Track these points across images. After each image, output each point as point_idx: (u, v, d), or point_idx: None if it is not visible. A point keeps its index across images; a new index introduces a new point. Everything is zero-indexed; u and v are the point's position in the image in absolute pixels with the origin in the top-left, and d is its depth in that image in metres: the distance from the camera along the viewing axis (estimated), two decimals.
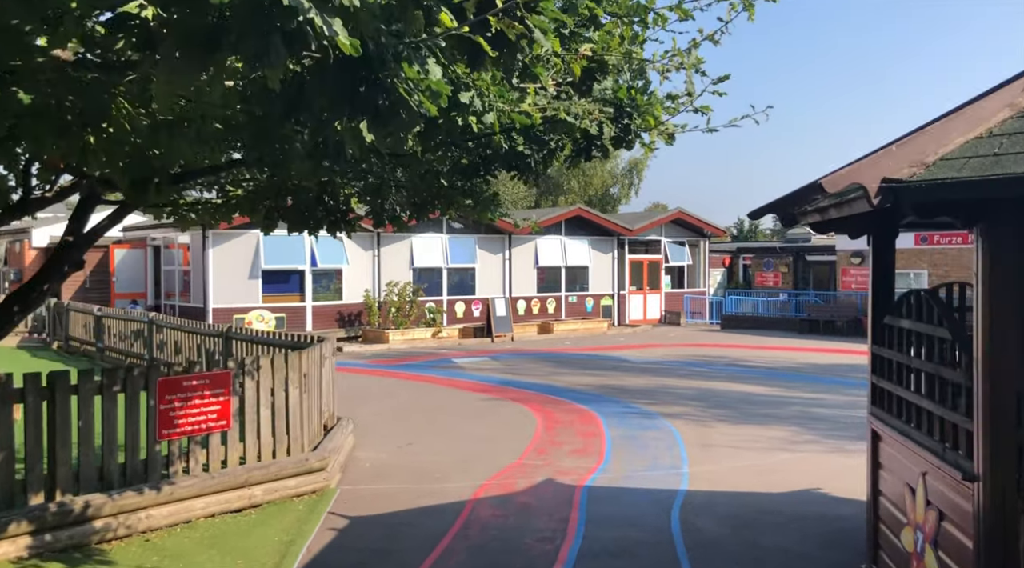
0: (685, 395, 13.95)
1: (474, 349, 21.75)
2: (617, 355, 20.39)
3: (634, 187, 49.21)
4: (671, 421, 11.44)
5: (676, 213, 30.21)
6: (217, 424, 6.83)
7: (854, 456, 9.15)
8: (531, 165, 4.80)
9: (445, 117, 3.81)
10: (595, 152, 4.42)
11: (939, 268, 23.60)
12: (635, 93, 4.10)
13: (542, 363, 18.66)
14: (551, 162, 4.88)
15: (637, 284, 29.87)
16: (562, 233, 27.88)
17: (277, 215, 5.36)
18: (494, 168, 5.01)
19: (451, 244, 25.45)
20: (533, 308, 26.96)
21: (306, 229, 5.39)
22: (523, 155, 4.72)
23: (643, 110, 4.10)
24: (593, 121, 3.99)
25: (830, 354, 20.53)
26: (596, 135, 4.18)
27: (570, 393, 14.02)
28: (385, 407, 12.64)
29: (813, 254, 31.31)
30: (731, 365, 18.40)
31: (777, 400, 13.48)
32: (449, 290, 25.37)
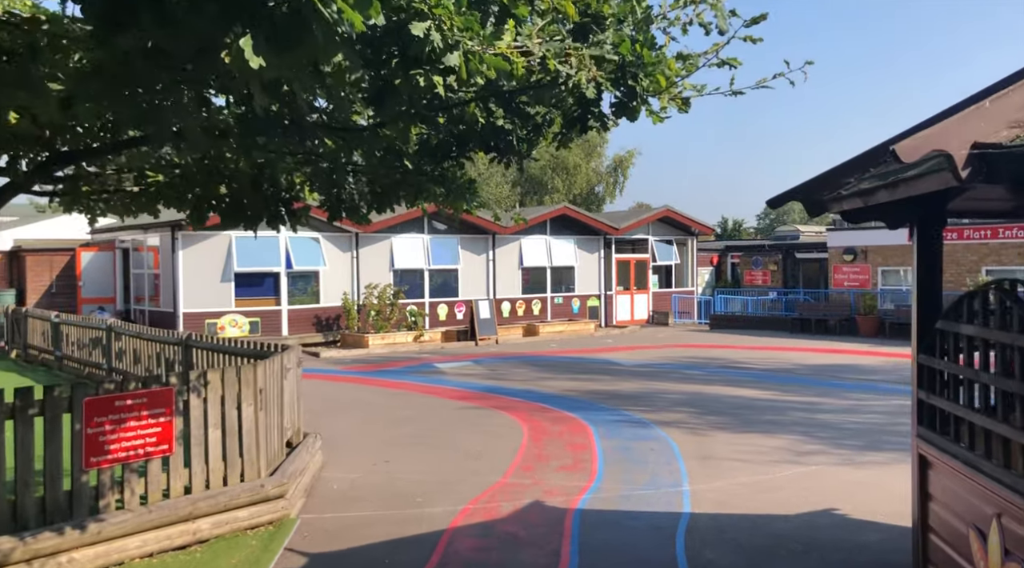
0: (679, 401, 13.19)
1: (457, 353, 20.91)
2: (605, 358, 19.62)
3: (619, 186, 48.50)
4: (666, 430, 10.66)
5: (663, 211, 29.51)
6: (157, 449, 5.98)
7: (866, 469, 8.42)
8: (513, 144, 3.99)
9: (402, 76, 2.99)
10: (591, 122, 3.61)
11: None
12: (640, 48, 3.31)
13: (528, 367, 17.86)
14: (537, 141, 4.07)
15: (624, 284, 29.13)
16: (547, 233, 27.10)
17: (208, 206, 4.53)
18: (469, 149, 4.21)
19: (433, 245, 24.61)
20: (518, 310, 26.16)
21: (241, 222, 4.55)
22: (503, 131, 3.92)
23: (651, 69, 3.32)
24: (590, 80, 3.20)
25: (824, 354, 19.86)
26: (593, 99, 3.39)
27: (558, 400, 13.22)
28: (361, 418, 11.79)
29: (803, 252, 30.72)
30: (724, 367, 17.67)
31: (776, 405, 12.75)
32: (431, 292, 24.53)
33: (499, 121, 3.83)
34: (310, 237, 22.31)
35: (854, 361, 18.53)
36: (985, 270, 21.79)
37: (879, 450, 9.33)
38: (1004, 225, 21.63)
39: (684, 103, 3.63)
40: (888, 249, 24.16)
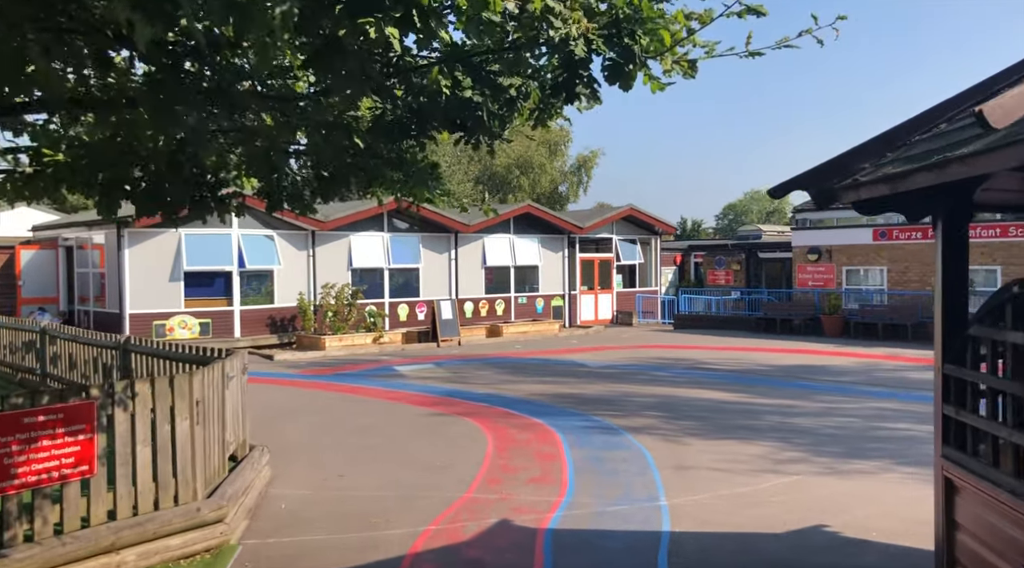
0: (648, 404, 12.70)
1: (418, 355, 20.23)
2: (571, 359, 19.11)
3: (583, 185, 48.14)
4: (638, 437, 10.15)
5: (627, 210, 29.12)
6: (76, 470, 5.26)
7: (851, 479, 7.98)
8: (483, 120, 3.39)
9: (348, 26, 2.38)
10: (580, 88, 3.03)
11: (899, 264, 22.93)
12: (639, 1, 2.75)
13: (492, 369, 17.26)
14: (511, 117, 3.48)
15: (588, 284, 28.69)
16: (511, 231, 26.53)
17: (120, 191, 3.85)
18: (431, 126, 3.60)
19: (393, 243, 23.88)
20: (481, 310, 25.55)
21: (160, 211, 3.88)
22: (471, 105, 3.31)
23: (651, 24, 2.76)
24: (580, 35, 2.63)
25: (792, 354, 19.57)
26: (583, 60, 2.82)
27: (524, 405, 12.65)
28: (315, 427, 11.08)
29: (766, 251, 30.59)
30: (692, 368, 17.27)
31: (748, 408, 12.32)
32: (391, 292, 23.81)
33: (467, 92, 3.24)
34: (264, 235, 21.45)
35: (822, 362, 18.26)
36: None
37: (862, 458, 8.92)
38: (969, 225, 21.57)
39: (690, 67, 3.08)
40: (852, 249, 24.05)
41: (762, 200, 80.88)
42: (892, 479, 7.95)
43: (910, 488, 7.59)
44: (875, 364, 17.76)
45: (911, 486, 7.66)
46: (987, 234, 21.04)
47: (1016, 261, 20.56)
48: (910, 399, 12.99)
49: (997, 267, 20.90)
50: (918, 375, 15.81)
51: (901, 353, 19.40)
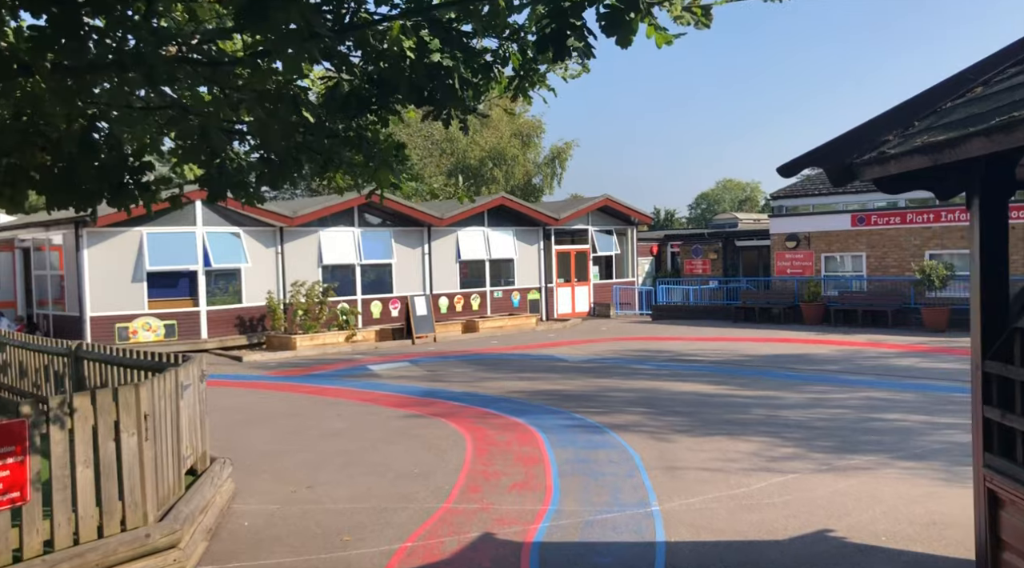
0: (631, 399, 12.28)
1: (393, 353, 19.67)
2: (549, 353, 18.65)
3: (557, 177, 47.61)
4: (623, 435, 9.71)
5: (603, 200, 28.70)
6: (5, 498, 4.69)
7: (849, 476, 7.59)
8: (454, 89, 2.88)
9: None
10: (572, 41, 2.53)
11: (877, 249, 22.72)
12: None
13: (469, 366, 16.76)
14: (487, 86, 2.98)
15: (565, 276, 28.26)
16: (485, 224, 26.00)
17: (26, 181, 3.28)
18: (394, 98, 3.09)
19: (364, 238, 23.26)
20: (456, 305, 25.02)
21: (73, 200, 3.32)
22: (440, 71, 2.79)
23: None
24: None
25: (773, 344, 19.27)
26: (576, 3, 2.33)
27: (503, 403, 12.17)
28: (284, 433, 10.52)
29: (743, 239, 30.34)
30: (672, 360, 16.89)
31: (734, 401, 11.94)
32: (364, 289, 23.19)
33: (435, 56, 2.74)
34: (230, 232, 20.74)
35: (804, 350, 17.97)
36: (928, 254, 21.57)
37: (858, 453, 8.54)
38: (947, 209, 21.44)
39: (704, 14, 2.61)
40: (831, 235, 23.82)
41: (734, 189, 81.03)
42: (891, 475, 7.57)
43: (912, 485, 7.21)
44: (857, 351, 17.49)
45: (913, 482, 7.28)
46: (964, 218, 20.82)
47: None
48: (898, 388, 12.68)
49: None
50: (902, 362, 15.56)
51: (883, 340, 19.17)
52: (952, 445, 8.69)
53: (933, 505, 6.57)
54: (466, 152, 44.48)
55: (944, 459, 8.07)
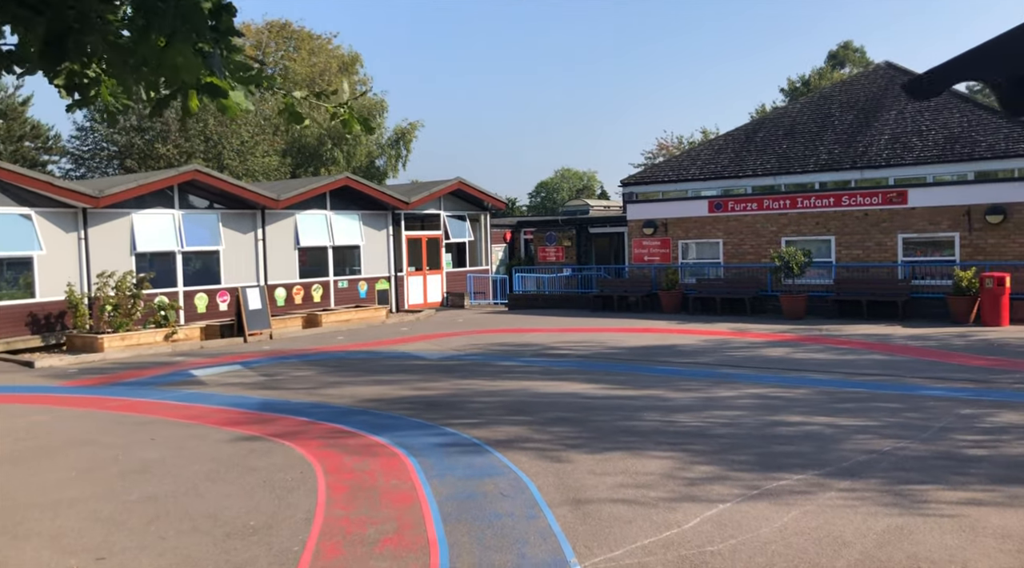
0: (508, 405, 10.75)
1: (222, 353, 17.16)
2: (404, 350, 16.84)
3: (402, 160, 45.49)
4: (509, 455, 8.14)
5: (455, 183, 27.05)
6: None
7: (788, 504, 6.36)
8: None
9: None
10: None
11: (734, 236, 22.47)
12: None
13: (312, 368, 14.65)
14: None
15: (416, 264, 26.43)
16: (328, 207, 23.69)
17: None
18: None
19: (187, 222, 20.38)
20: (296, 297, 22.60)
21: None
22: None
23: None
24: None
25: (636, 334, 18.40)
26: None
27: (357, 416, 10.29)
28: (73, 471, 8.15)
29: (596, 226, 29.66)
30: (540, 355, 15.56)
31: (619, 404, 10.68)
32: (186, 279, 20.35)
33: None
34: (18, 214, 17.40)
35: (670, 341, 17.17)
36: (784, 240, 21.50)
37: (782, 470, 7.39)
38: (803, 195, 21.43)
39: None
40: (688, 221, 23.39)
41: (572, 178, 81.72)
42: (835, 501, 6.43)
43: (867, 515, 6.07)
44: (725, 342, 16.88)
45: (866, 512, 6.15)
46: (821, 204, 20.92)
47: (849, 231, 20.57)
48: (784, 383, 11.91)
49: (831, 236, 20.85)
50: (774, 353, 14.99)
51: (746, 329, 18.77)
52: (875, 455, 7.75)
53: (911, 547, 5.42)
54: (302, 130, 41.43)
55: (880, 476, 7.05)
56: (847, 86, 29.35)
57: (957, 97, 26.26)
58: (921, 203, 19.49)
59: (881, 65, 29.23)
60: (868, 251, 20.28)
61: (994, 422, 8.99)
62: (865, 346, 15.49)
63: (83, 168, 41.01)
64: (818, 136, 26.68)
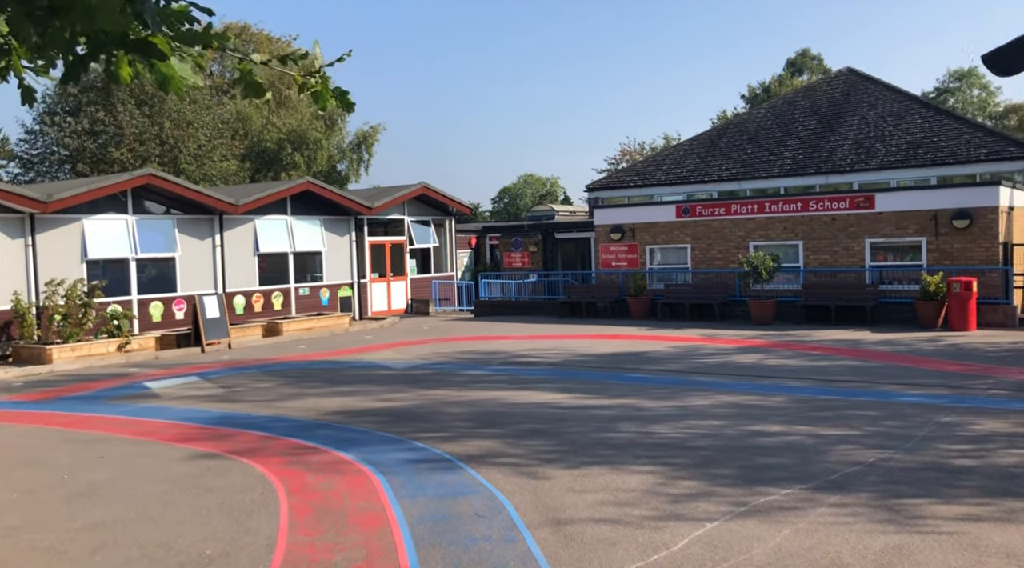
0: (478, 417, 10.36)
1: (178, 364, 16.51)
2: (369, 359, 16.35)
3: (364, 164, 44.82)
4: (483, 471, 7.75)
5: (420, 188, 26.60)
6: None
7: (780, 521, 6.06)
8: None
9: None
10: None
11: (702, 241, 22.33)
12: None
13: (273, 379, 14.11)
14: None
15: (380, 270, 25.91)
16: (288, 212, 23.09)
17: None
18: None
19: (141, 228, 19.67)
20: (255, 305, 21.96)
21: None
22: None
23: None
24: None
25: (606, 341, 18.13)
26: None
27: (321, 430, 9.82)
28: (13, 492, 7.57)
29: (562, 231, 29.41)
30: (509, 363, 15.19)
31: (593, 414, 10.36)
32: (141, 287, 19.63)
33: None
34: None
35: (640, 348, 16.92)
36: (752, 245, 21.42)
37: (768, 484, 7.10)
38: (770, 200, 21.37)
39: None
40: (656, 227, 23.22)
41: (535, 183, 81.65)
42: (828, 518, 6.14)
43: (864, 534, 5.80)
44: (695, 348, 16.68)
45: (862, 530, 5.87)
46: (789, 209, 20.87)
47: (817, 235, 20.54)
48: (759, 391, 11.68)
49: (799, 241, 20.80)
50: (745, 359, 14.80)
51: (716, 334, 18.60)
52: (862, 467, 7.50)
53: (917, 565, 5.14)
54: (262, 134, 40.60)
55: (870, 490, 6.80)
56: (810, 92, 29.53)
57: (918, 103, 26.54)
58: (888, 208, 19.52)
59: (843, 71, 29.47)
60: (836, 256, 20.27)
61: (976, 430, 8.82)
62: (836, 352, 15.38)
63: (32, 172, 39.74)
64: (782, 141, 26.76)
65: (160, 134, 34.79)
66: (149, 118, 34.90)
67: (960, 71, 58.23)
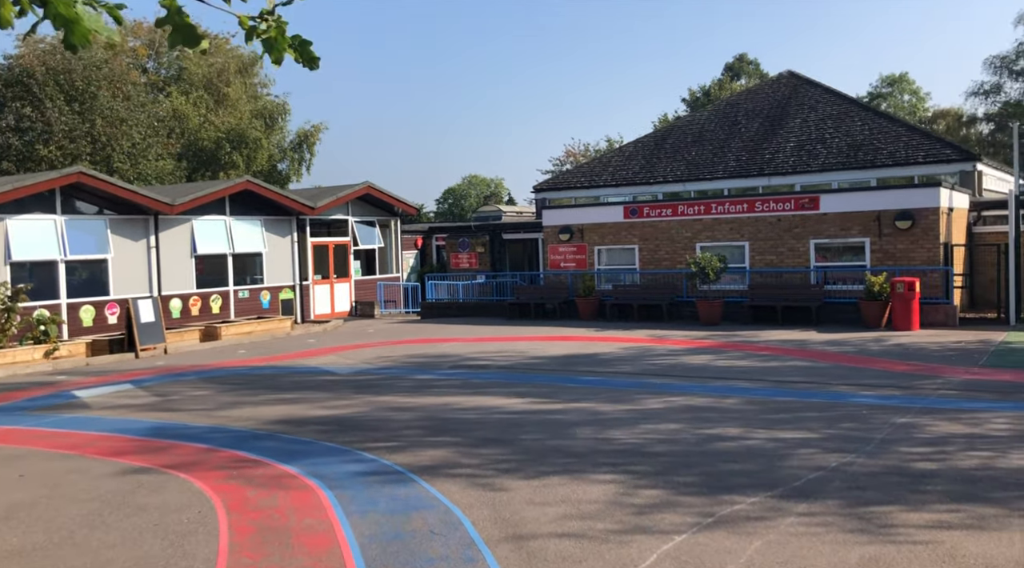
0: (429, 425, 9.97)
1: (110, 371, 15.71)
2: (312, 364, 15.80)
3: (305, 163, 43.84)
4: (437, 484, 7.38)
5: (364, 188, 26.02)
6: None
7: (751, 533, 5.84)
8: None
9: None
10: None
11: (650, 242, 22.28)
12: None
13: (211, 387, 13.48)
14: None
15: (323, 272, 25.25)
16: (227, 212, 22.31)
17: None
18: None
19: (70, 229, 18.73)
20: (192, 308, 21.13)
21: None
22: None
23: None
24: None
25: (556, 342, 17.90)
26: None
27: (263, 441, 9.32)
28: None
29: (509, 232, 29.13)
30: (458, 367, 14.83)
31: (549, 419, 10.07)
32: (70, 291, 18.69)
33: None
34: None
35: (591, 349, 16.73)
36: (699, 246, 21.44)
37: (733, 491, 6.89)
38: (717, 201, 21.42)
39: None
40: (604, 227, 23.10)
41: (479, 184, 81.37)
42: (798, 528, 5.95)
43: (838, 545, 5.61)
44: (646, 349, 16.55)
45: (835, 540, 5.69)
46: (735, 210, 20.95)
47: (762, 236, 20.65)
48: (713, 393, 11.55)
49: (745, 243, 20.89)
50: (696, 361, 14.71)
51: (665, 335, 18.52)
52: (825, 472, 7.36)
53: None
54: (199, 132, 39.36)
55: (837, 497, 6.64)
56: (752, 94, 29.86)
57: (858, 106, 27.02)
58: (833, 209, 19.72)
59: (784, 74, 29.87)
60: (781, 257, 20.41)
61: (933, 432, 8.79)
62: (785, 352, 15.40)
63: None
64: (726, 143, 26.97)
65: (92, 131, 33.40)
66: (80, 115, 33.46)
67: (892, 77, 59.80)
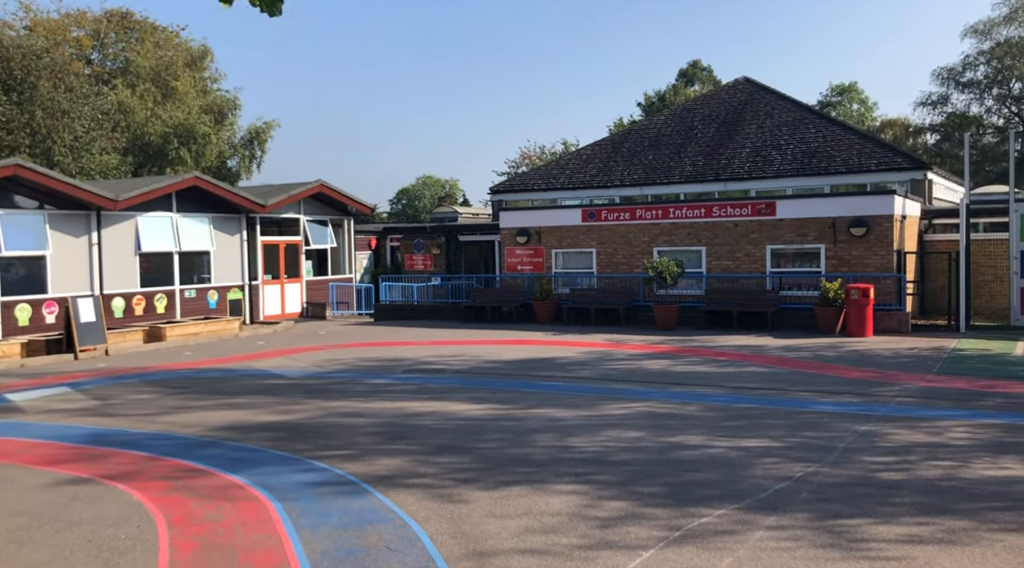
0: (385, 431, 9.63)
1: (46, 373, 14.99)
2: (261, 367, 15.30)
3: (256, 161, 42.90)
4: (393, 495, 7.06)
5: (317, 186, 25.46)
6: None
7: (721, 549, 5.65)
8: None
9: None
10: None
11: (607, 245, 22.17)
12: None
13: (155, 390, 12.92)
14: None
15: (273, 272, 24.63)
16: (174, 209, 21.59)
17: None
18: None
19: (7, 224, 17.90)
20: (136, 308, 20.38)
21: None
22: None
23: None
24: None
25: (514, 346, 17.65)
26: None
27: (209, 449, 8.87)
28: None
29: (465, 234, 28.81)
30: (414, 371, 14.48)
31: (509, 426, 9.81)
32: (5, 288, 17.86)
33: None
34: None
35: (548, 353, 16.51)
36: (657, 251, 21.39)
37: (699, 504, 6.70)
38: (674, 206, 21.40)
39: None
40: (562, 230, 22.93)
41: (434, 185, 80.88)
42: (769, 544, 5.77)
43: (808, 562, 5.43)
44: (604, 354, 16.39)
45: (809, 557, 5.51)
46: (692, 214, 20.95)
47: (719, 241, 20.68)
48: (673, 399, 11.41)
49: (702, 247, 20.90)
50: (654, 366, 14.59)
51: (623, 339, 18.40)
52: (791, 483, 7.22)
53: None
54: (145, 126, 38.22)
55: (805, 509, 6.48)
56: (708, 100, 30.02)
57: (812, 113, 27.34)
58: (789, 215, 19.83)
59: (740, 80, 30.09)
60: (738, 262, 20.46)
61: (895, 441, 8.74)
62: (742, 358, 15.38)
63: None
64: (682, 148, 27.05)
65: (31, 123, 32.14)
66: (18, 106, 32.18)
67: (842, 86, 60.94)
